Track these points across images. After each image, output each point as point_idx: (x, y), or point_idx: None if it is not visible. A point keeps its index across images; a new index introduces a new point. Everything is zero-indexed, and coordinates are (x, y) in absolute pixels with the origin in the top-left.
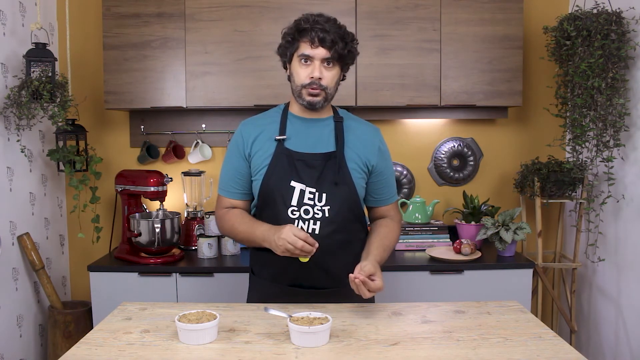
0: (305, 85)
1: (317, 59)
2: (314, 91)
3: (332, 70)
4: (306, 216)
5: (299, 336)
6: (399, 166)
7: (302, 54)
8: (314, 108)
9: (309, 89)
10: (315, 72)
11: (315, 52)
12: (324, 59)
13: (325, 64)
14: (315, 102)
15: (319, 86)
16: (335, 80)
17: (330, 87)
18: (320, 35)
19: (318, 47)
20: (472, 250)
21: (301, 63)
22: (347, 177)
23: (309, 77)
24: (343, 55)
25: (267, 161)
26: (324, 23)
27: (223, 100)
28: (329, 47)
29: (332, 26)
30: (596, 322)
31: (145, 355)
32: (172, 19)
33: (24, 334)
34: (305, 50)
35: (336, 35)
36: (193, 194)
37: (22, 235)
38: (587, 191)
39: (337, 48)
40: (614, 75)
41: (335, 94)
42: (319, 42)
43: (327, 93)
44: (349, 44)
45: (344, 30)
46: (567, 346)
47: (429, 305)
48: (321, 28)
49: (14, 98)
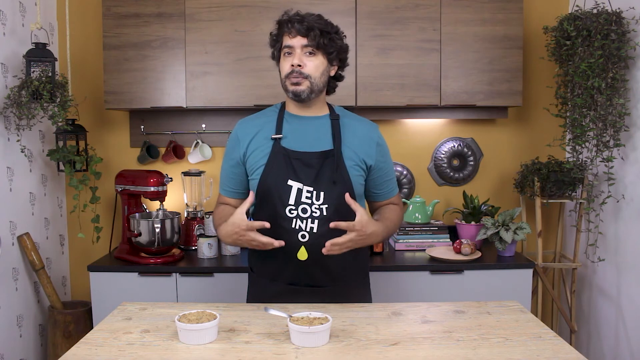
0: (287, 74)
1: (297, 48)
2: (295, 79)
3: (315, 59)
4: (304, 215)
5: (299, 336)
6: (399, 166)
7: (285, 46)
8: (300, 99)
9: (291, 77)
10: (295, 60)
11: (294, 42)
12: (304, 46)
13: (306, 53)
14: (299, 92)
15: (300, 74)
16: (320, 70)
17: (314, 76)
18: (296, 25)
19: (296, 36)
20: (472, 250)
21: (285, 56)
22: (344, 175)
23: (289, 66)
24: (323, 43)
25: (263, 160)
26: (302, 15)
27: (223, 100)
28: (305, 35)
29: (311, 17)
30: (596, 322)
31: (145, 355)
32: (172, 19)
33: (24, 334)
34: (286, 41)
35: (314, 24)
36: (193, 194)
37: (22, 235)
38: (587, 191)
39: (313, 35)
40: (614, 75)
41: (335, 94)
42: (296, 32)
43: (312, 83)
44: (331, 34)
45: (324, 21)
46: (567, 346)
47: (429, 305)
48: (298, 19)
49: (14, 98)
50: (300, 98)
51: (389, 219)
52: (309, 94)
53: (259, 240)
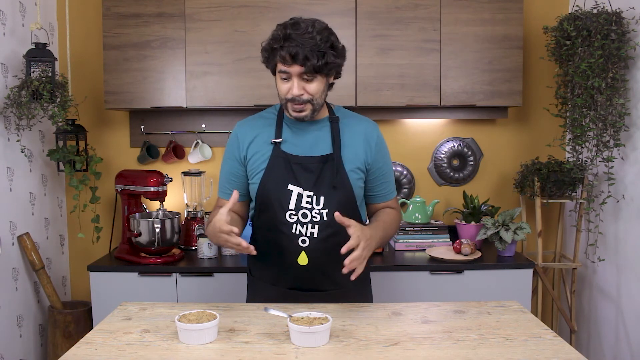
0: (288, 99)
1: (294, 75)
2: (297, 107)
3: (314, 82)
4: (304, 220)
5: (299, 336)
6: (399, 166)
7: (280, 71)
8: (302, 121)
9: (293, 104)
10: (294, 90)
11: (291, 69)
12: (301, 73)
13: (304, 77)
14: (302, 117)
15: (302, 102)
16: (320, 89)
17: (316, 97)
18: (292, 52)
19: (292, 65)
20: (472, 250)
21: (281, 80)
22: (344, 179)
23: (290, 93)
24: (320, 67)
25: (263, 165)
26: (296, 37)
27: (223, 100)
28: (301, 64)
29: (306, 39)
30: (596, 322)
31: (145, 355)
32: (172, 19)
33: (24, 334)
34: (281, 67)
35: (310, 49)
36: (193, 194)
37: (22, 235)
38: (587, 191)
39: (310, 63)
40: (614, 75)
41: (335, 94)
42: (292, 60)
43: (314, 104)
44: (327, 55)
45: (319, 39)
46: (567, 346)
47: (429, 305)
48: (294, 44)
49: (14, 98)
50: (303, 121)
51: (384, 221)
52: (312, 115)
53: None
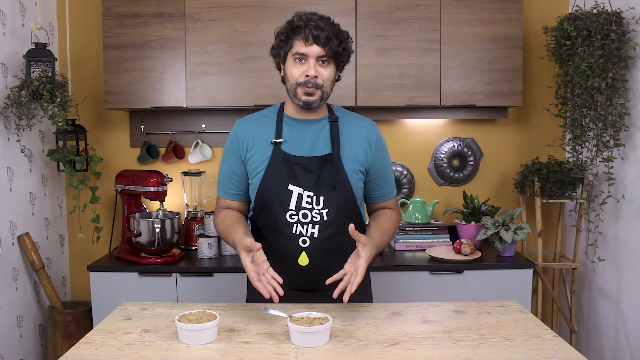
0: (300, 83)
1: (311, 57)
2: (309, 89)
3: (328, 68)
4: (304, 220)
5: (299, 336)
6: (399, 166)
7: (297, 52)
8: (310, 108)
9: (305, 87)
10: (311, 71)
11: (310, 50)
12: (319, 56)
13: (320, 62)
14: (311, 102)
15: (315, 85)
16: (331, 79)
17: (326, 85)
18: (314, 33)
19: (312, 45)
20: (472, 250)
21: (295, 62)
22: (344, 179)
23: (304, 75)
24: (338, 53)
25: (263, 165)
26: (317, 21)
27: (223, 100)
28: (323, 45)
29: (326, 24)
30: (596, 322)
31: (145, 355)
32: (172, 19)
33: (24, 334)
34: (299, 48)
35: (331, 33)
36: (193, 194)
37: (22, 235)
38: (587, 191)
39: (331, 45)
40: (614, 75)
41: (335, 94)
42: (313, 40)
43: (323, 92)
44: (344, 42)
45: (337, 28)
46: (567, 346)
47: (429, 305)
48: (315, 25)
49: (14, 98)
50: (311, 107)
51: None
52: (319, 103)
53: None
